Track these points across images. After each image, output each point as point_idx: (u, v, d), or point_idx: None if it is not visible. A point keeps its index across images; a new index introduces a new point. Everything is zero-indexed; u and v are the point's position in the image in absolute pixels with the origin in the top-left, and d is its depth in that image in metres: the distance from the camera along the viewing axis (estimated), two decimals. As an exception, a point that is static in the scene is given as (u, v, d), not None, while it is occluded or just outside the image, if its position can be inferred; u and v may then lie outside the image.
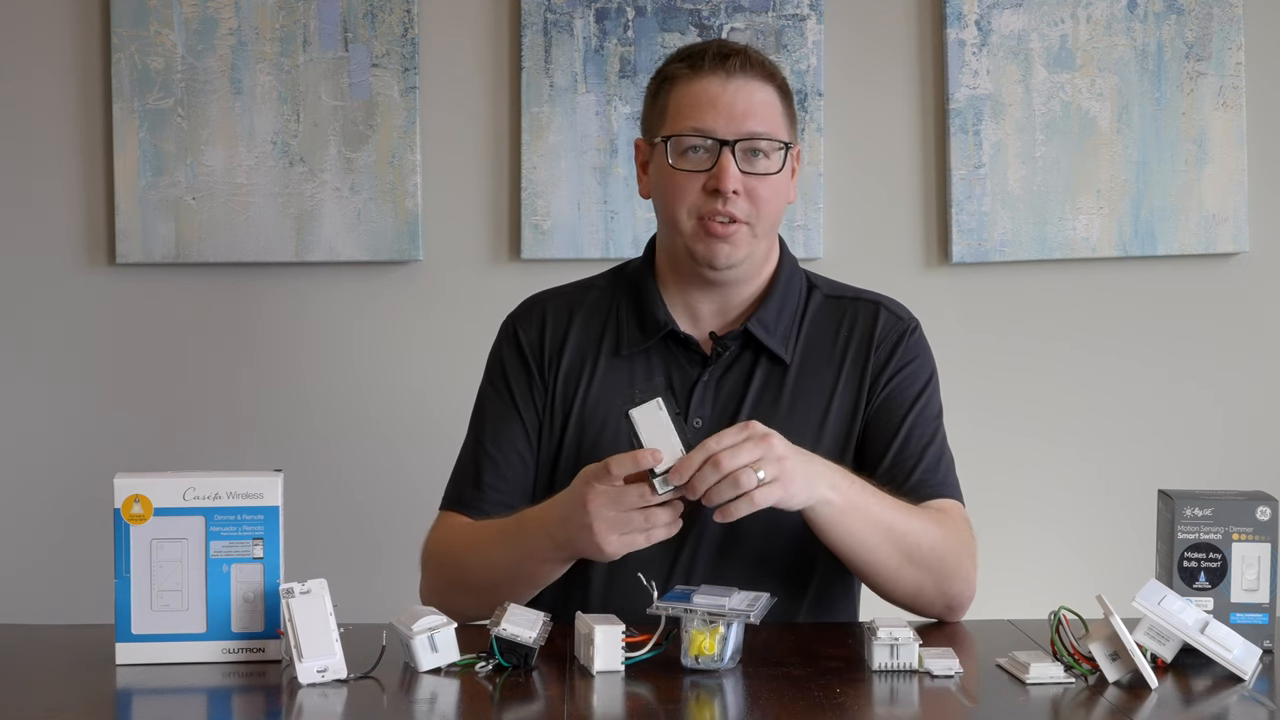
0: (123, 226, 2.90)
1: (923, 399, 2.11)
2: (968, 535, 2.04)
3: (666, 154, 2.03)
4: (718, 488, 1.78)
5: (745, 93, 2.02)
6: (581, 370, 2.11)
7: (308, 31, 2.90)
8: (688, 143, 2.02)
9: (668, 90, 2.06)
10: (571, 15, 2.91)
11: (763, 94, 2.04)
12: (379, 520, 2.91)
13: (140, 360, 2.95)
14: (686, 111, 2.03)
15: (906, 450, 2.06)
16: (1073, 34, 2.94)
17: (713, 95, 2.02)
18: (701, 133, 2.01)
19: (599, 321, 2.13)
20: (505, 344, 2.16)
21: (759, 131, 2.02)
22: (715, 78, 2.03)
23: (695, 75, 2.04)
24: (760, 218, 2.03)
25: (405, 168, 2.91)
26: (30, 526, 2.95)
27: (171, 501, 1.77)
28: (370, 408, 2.95)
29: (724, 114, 2.01)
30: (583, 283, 2.20)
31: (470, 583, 2.02)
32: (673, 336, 2.09)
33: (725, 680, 1.70)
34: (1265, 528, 1.83)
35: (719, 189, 2.00)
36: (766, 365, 2.08)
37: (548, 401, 2.11)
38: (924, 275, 2.98)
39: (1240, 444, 3.00)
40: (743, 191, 2.01)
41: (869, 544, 1.92)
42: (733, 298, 2.09)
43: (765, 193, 2.02)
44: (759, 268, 2.10)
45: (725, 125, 2.01)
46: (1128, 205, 2.95)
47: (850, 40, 2.96)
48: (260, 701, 1.71)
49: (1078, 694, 1.68)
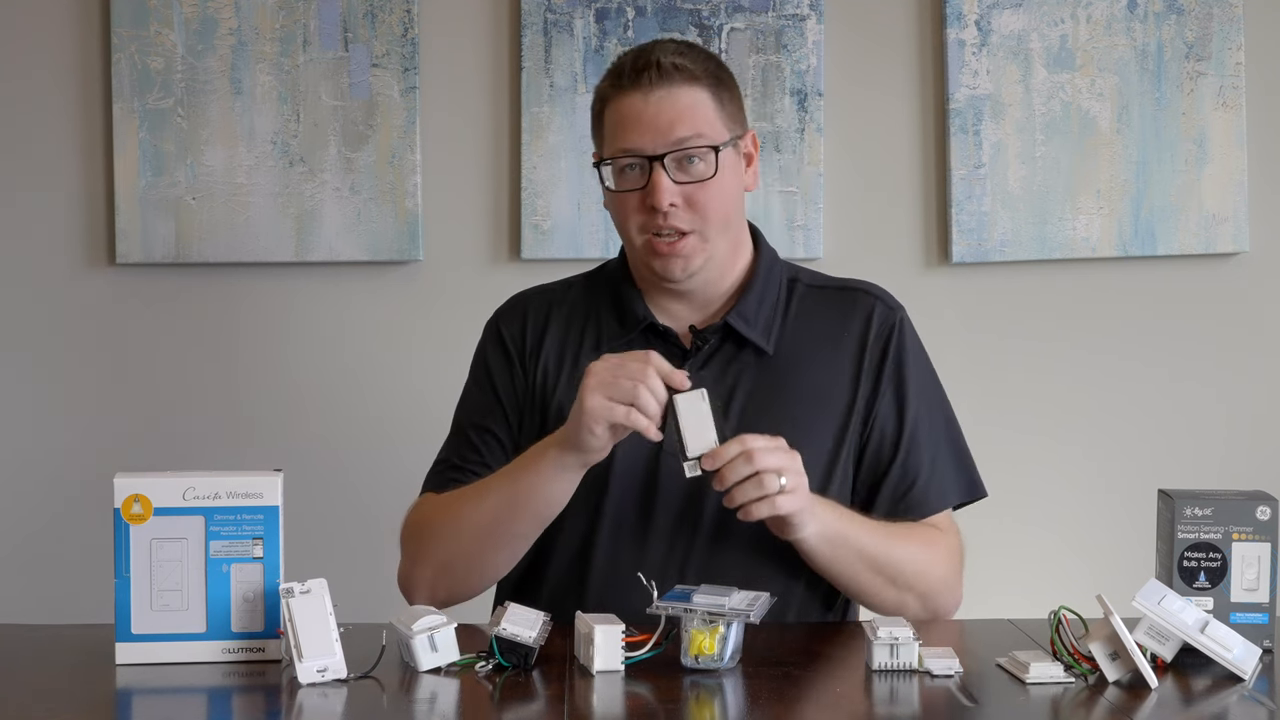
0: (123, 226, 2.90)
1: (920, 397, 2.12)
2: (955, 551, 2.09)
3: (606, 178, 2.04)
4: (743, 485, 1.83)
5: (668, 103, 2.00)
6: (562, 366, 2.11)
7: (308, 31, 2.90)
8: (621, 163, 2.02)
9: (602, 109, 2.07)
10: (571, 15, 2.91)
11: (688, 98, 2.01)
12: (379, 520, 2.89)
13: (140, 360, 2.95)
14: (616, 132, 2.03)
15: (907, 467, 2.08)
16: (1073, 34, 2.94)
17: (636, 112, 2.01)
18: (630, 153, 2.00)
19: (579, 318, 2.14)
20: (489, 341, 2.18)
21: (687, 138, 2.00)
22: (636, 93, 2.01)
23: (619, 93, 2.03)
24: (707, 223, 2.02)
25: (405, 168, 2.91)
26: (30, 526, 2.95)
27: (171, 501, 1.77)
28: (370, 408, 2.96)
29: (648, 129, 1.99)
30: (564, 281, 2.22)
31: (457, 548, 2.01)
32: (652, 330, 2.09)
33: (725, 680, 1.70)
34: (1265, 527, 1.83)
35: (655, 206, 1.99)
36: (749, 356, 2.08)
37: (529, 394, 2.12)
38: (924, 275, 2.98)
39: (1240, 444, 3.00)
40: (681, 202, 2.00)
41: (851, 573, 1.98)
42: (705, 295, 2.10)
43: (705, 197, 2.01)
44: (725, 267, 2.09)
45: (651, 140, 1.99)
46: (1128, 205, 2.95)
47: (850, 40, 2.96)
48: (260, 701, 1.71)
49: (1078, 694, 1.68)
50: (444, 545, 2.03)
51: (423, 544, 2.07)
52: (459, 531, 2.02)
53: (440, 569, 2.04)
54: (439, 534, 2.04)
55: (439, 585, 2.02)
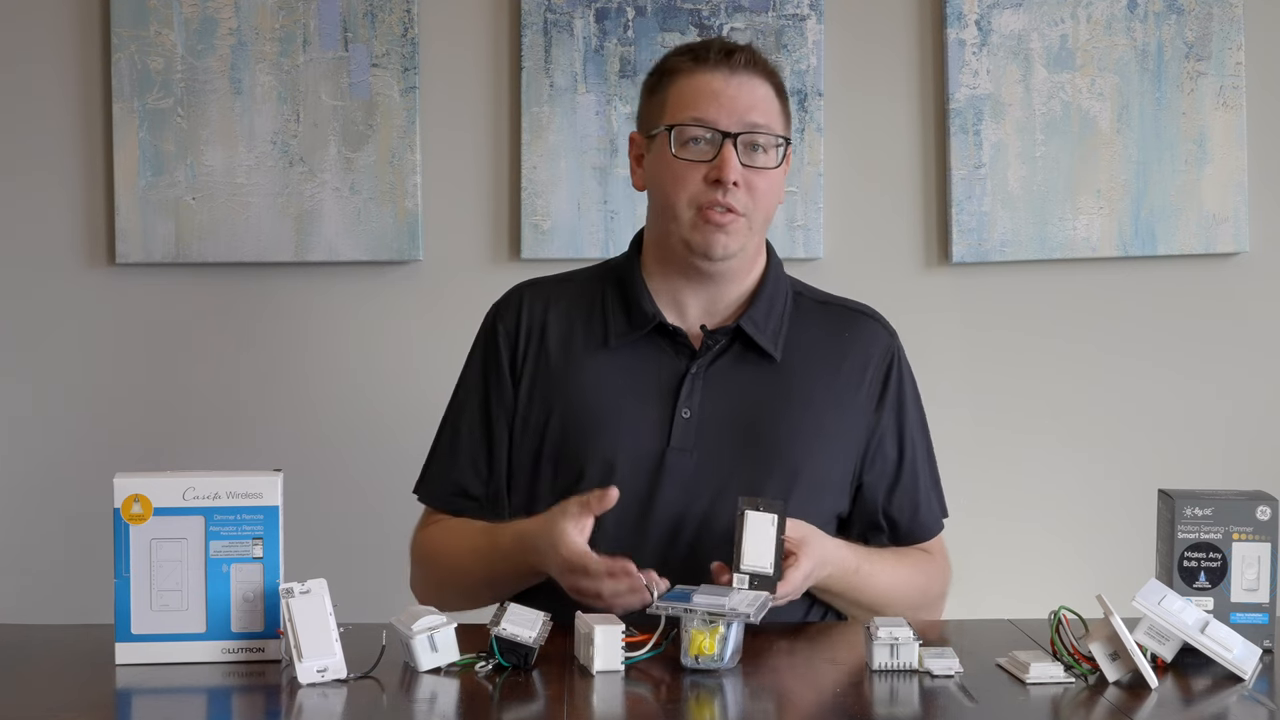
0: (123, 226, 2.90)
1: (915, 425, 2.17)
2: (948, 573, 2.20)
3: (670, 143, 2.05)
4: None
5: (748, 88, 2.06)
6: (565, 360, 2.12)
7: (308, 31, 2.90)
8: (690, 133, 2.05)
9: (668, 83, 2.09)
10: (571, 15, 2.91)
11: (764, 90, 2.08)
12: (379, 520, 2.90)
13: (140, 360, 2.95)
14: (689, 102, 2.06)
15: (905, 498, 2.14)
16: (1073, 34, 2.94)
17: (716, 88, 2.05)
18: (704, 124, 2.04)
19: (583, 313, 2.14)
20: (486, 338, 2.19)
21: (760, 125, 2.05)
22: (719, 72, 2.06)
23: (698, 68, 2.07)
24: (757, 210, 2.06)
25: (405, 168, 2.91)
26: (30, 526, 2.95)
27: (171, 501, 1.77)
28: (370, 407, 2.95)
29: (727, 106, 2.04)
30: (563, 275, 2.23)
31: (456, 584, 2.12)
32: (660, 329, 2.09)
33: (725, 680, 1.70)
34: (1265, 527, 1.83)
35: (720, 179, 2.02)
36: (755, 361, 2.09)
37: (528, 392, 2.12)
38: (924, 275, 2.98)
39: (1240, 444, 3.00)
40: (742, 184, 2.03)
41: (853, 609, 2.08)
42: (721, 294, 2.11)
43: (763, 186, 2.05)
44: (749, 265, 2.12)
45: (728, 118, 2.04)
46: (1128, 205, 2.95)
47: (850, 40, 2.96)
48: (260, 701, 1.71)
49: (1078, 694, 1.68)
50: (451, 580, 2.13)
51: (430, 571, 2.17)
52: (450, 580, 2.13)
53: (448, 597, 2.09)
54: (445, 571, 2.14)
55: (447, 605, 2.02)
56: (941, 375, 2.84)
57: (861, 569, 2.03)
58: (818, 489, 2.06)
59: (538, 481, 2.09)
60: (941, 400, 2.59)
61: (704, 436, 2.05)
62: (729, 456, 2.05)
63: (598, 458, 2.05)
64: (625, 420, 2.06)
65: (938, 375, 2.73)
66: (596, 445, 2.05)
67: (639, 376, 2.08)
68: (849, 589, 2.02)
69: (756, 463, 2.04)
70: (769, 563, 1.85)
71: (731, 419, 2.06)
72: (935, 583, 2.16)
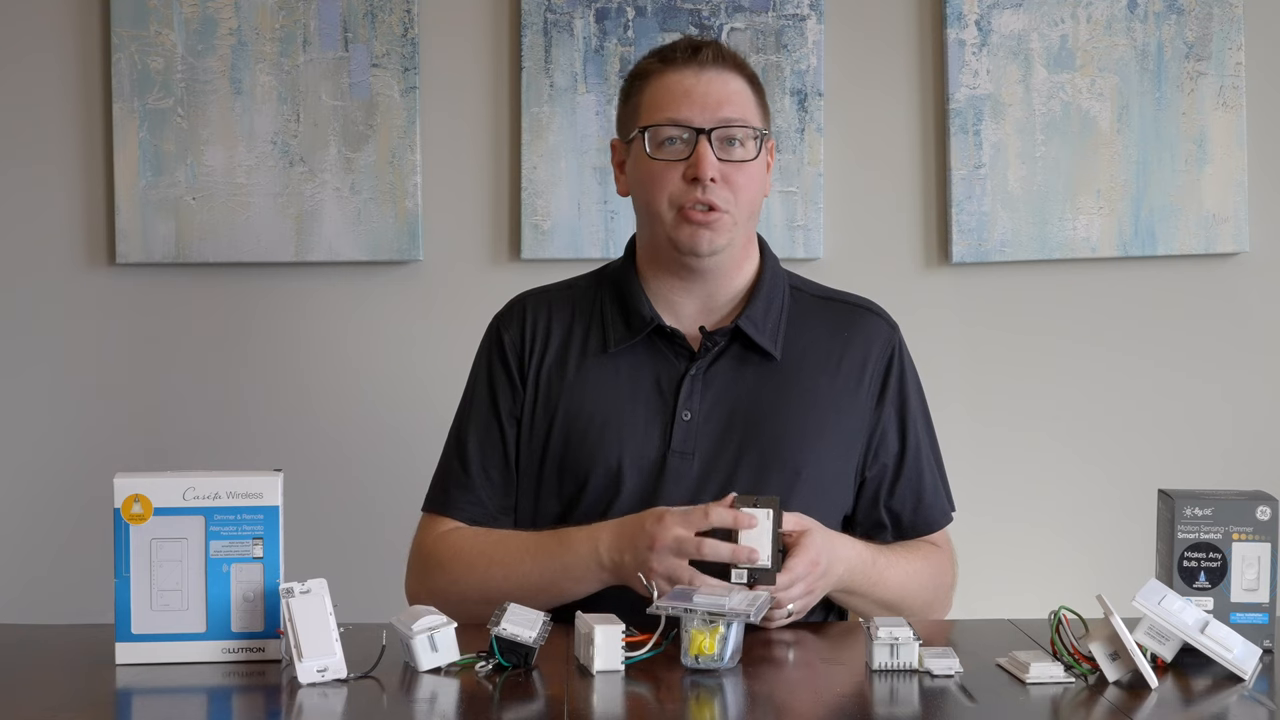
0: (123, 226, 2.90)
1: (918, 417, 2.16)
2: (953, 566, 2.17)
3: (645, 145, 2.05)
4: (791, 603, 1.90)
5: (719, 83, 2.06)
6: (566, 368, 2.11)
7: (308, 31, 2.90)
8: (665, 134, 2.05)
9: (641, 86, 2.10)
10: (571, 15, 2.91)
11: (736, 84, 2.08)
12: (379, 520, 2.91)
13: (140, 360, 2.95)
14: (662, 103, 2.06)
15: (908, 490, 2.13)
16: (1073, 34, 2.94)
17: (687, 86, 2.05)
18: (678, 123, 2.04)
19: (583, 320, 2.14)
20: (490, 347, 2.18)
21: (734, 119, 2.05)
22: (689, 70, 2.06)
23: (667, 69, 2.08)
24: (739, 205, 2.06)
25: (405, 168, 2.91)
26: (30, 526, 2.95)
27: (171, 501, 1.77)
28: (370, 407, 2.95)
29: (699, 103, 2.04)
30: (565, 283, 2.22)
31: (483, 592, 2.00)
32: (659, 332, 2.09)
33: (725, 680, 1.70)
34: (1265, 527, 1.83)
35: (697, 176, 2.02)
36: (755, 360, 2.09)
37: (532, 401, 2.12)
38: (924, 275, 2.98)
39: (1240, 444, 3.00)
40: (720, 179, 2.03)
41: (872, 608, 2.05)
42: (716, 291, 2.11)
43: (742, 180, 2.05)
44: (739, 260, 2.11)
45: (700, 114, 2.04)
46: (1128, 205, 2.95)
47: (850, 40, 2.96)
48: (260, 701, 1.71)
49: (1078, 694, 1.68)
50: (465, 589, 2.04)
51: (438, 577, 2.08)
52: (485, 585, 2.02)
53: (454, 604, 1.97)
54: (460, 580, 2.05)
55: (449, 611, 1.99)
56: (941, 375, 2.84)
57: (878, 561, 2.02)
58: (820, 489, 2.06)
59: (541, 488, 2.09)
60: (941, 400, 2.58)
61: (704, 438, 2.05)
62: (730, 457, 2.04)
63: (601, 464, 2.05)
64: (627, 425, 2.06)
65: (938, 375, 2.72)
66: (600, 452, 2.06)
67: (639, 381, 2.08)
68: (868, 584, 2.00)
69: (758, 463, 2.04)
70: (765, 555, 1.84)
71: (732, 420, 2.06)
72: (945, 574, 2.14)
